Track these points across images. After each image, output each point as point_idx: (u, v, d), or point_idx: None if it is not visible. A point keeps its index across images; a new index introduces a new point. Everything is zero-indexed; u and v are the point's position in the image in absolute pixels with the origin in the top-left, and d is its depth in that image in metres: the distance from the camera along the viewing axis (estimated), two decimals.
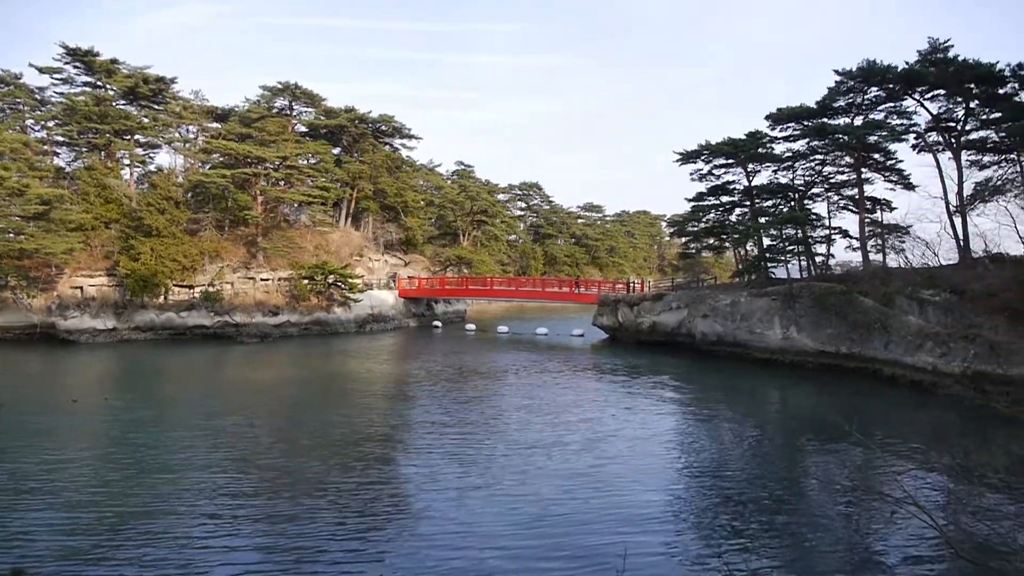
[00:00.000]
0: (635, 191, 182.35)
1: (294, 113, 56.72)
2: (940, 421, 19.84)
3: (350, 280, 46.52)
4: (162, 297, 41.25)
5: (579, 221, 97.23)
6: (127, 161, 49.04)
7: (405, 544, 11.08)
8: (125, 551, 10.62)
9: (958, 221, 32.36)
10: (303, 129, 57.58)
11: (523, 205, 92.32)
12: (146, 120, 48.09)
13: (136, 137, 48.44)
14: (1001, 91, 30.14)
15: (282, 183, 49.22)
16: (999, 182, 32.61)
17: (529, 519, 11.97)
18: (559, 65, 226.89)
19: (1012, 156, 31.83)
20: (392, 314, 49.91)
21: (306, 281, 45.15)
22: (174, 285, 41.76)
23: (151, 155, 52.57)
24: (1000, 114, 30.08)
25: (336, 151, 57.64)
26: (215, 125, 54.17)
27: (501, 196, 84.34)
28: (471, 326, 50.46)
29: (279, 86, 54.01)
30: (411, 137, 62.00)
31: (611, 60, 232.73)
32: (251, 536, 11.44)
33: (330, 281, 46.00)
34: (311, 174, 50.85)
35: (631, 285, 46.91)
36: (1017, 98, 29.78)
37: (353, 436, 18.05)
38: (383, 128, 60.23)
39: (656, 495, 13.43)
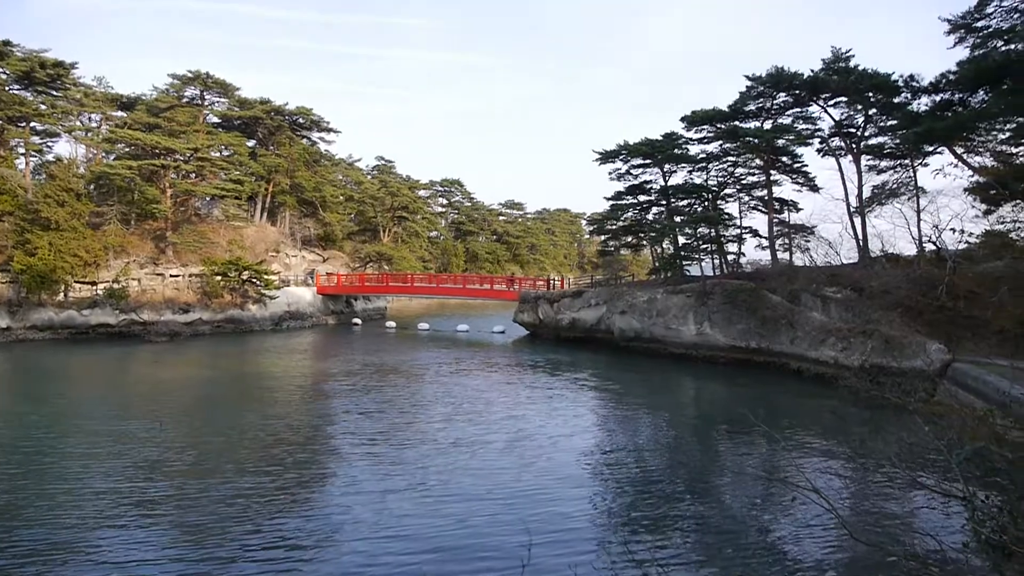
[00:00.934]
0: (556, 189, 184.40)
1: (206, 103, 54.42)
2: (839, 412, 20.84)
3: (265, 276, 45.09)
4: (62, 294, 38.87)
5: (500, 218, 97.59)
6: (22, 150, 45.94)
7: (323, 552, 10.61)
8: (14, 569, 9.81)
9: (858, 222, 34.18)
10: (215, 120, 55.39)
11: (444, 202, 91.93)
12: (43, 107, 45.10)
13: (32, 125, 45.37)
14: (896, 100, 31.96)
15: (193, 176, 47.18)
16: (894, 186, 34.63)
17: (454, 522, 11.69)
18: (480, 62, 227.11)
19: (906, 162, 33.83)
20: (310, 311, 48.69)
21: (219, 277, 43.41)
22: (75, 281, 39.48)
23: (49, 144, 49.52)
24: (895, 122, 31.87)
25: (251, 143, 55.81)
26: (120, 114, 51.39)
27: (422, 192, 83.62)
28: (391, 323, 49.79)
29: (189, 75, 51.69)
30: (330, 130, 60.72)
31: (532, 58, 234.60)
32: (157, 548, 10.69)
33: (244, 277, 44.42)
34: (224, 167, 48.87)
35: (551, 282, 47.34)
36: (910, 107, 31.61)
37: (268, 438, 17.34)
38: (300, 121, 58.69)
39: (576, 490, 13.51)
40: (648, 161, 38.77)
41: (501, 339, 42.33)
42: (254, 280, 44.73)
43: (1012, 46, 26.32)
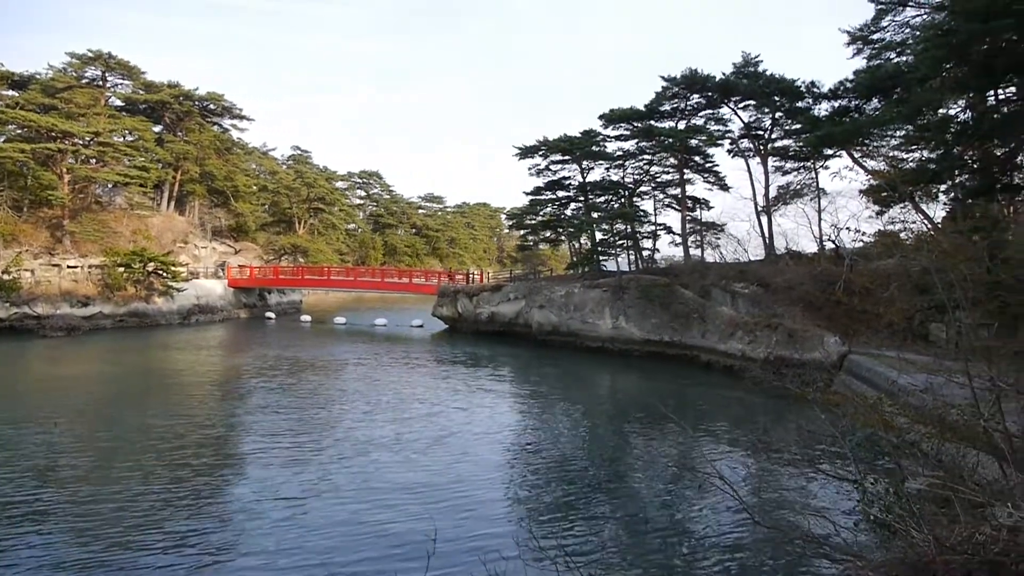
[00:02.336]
0: (476, 183, 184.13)
1: (108, 85, 51.39)
2: (745, 402, 21.81)
3: (173, 268, 43.15)
4: None
5: (420, 212, 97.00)
6: None
7: (226, 557, 10.10)
8: None
9: (765, 221, 35.81)
10: (119, 103, 52.39)
11: (363, 194, 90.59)
12: None
13: None
14: (800, 105, 33.60)
15: (94, 161, 44.49)
16: (798, 187, 36.51)
17: (366, 520, 11.39)
18: (401, 54, 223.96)
19: (809, 164, 35.67)
20: (221, 304, 46.96)
21: (122, 269, 41.16)
22: None
23: None
24: (799, 126, 33.53)
25: (158, 129, 53.21)
26: (11, 93, 47.92)
27: (340, 184, 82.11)
28: (307, 317, 48.64)
29: (90, 54, 48.65)
30: (242, 118, 58.68)
31: (455, 51, 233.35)
32: (50, 564, 9.86)
33: (150, 269, 42.31)
34: (128, 152, 46.30)
35: (471, 276, 47.38)
36: (812, 112, 33.31)
37: (174, 440, 16.34)
38: (211, 107, 56.42)
39: (493, 484, 13.56)
40: (567, 157, 39.35)
41: (420, 333, 42.05)
42: (160, 272, 42.71)
43: (903, 58, 28.11)
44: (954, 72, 21.01)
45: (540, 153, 39.80)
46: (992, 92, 23.47)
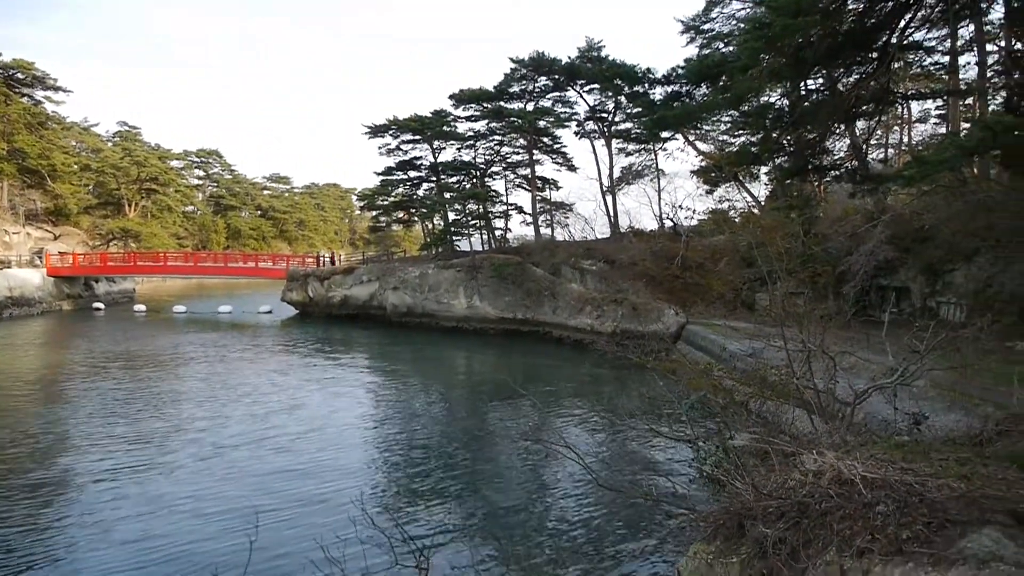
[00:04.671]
0: (325, 163, 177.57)
1: None
2: (592, 374, 22.85)
3: None
4: None
5: (265, 192, 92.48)
6: None
7: None
8: None
9: (610, 200, 37.46)
10: None
11: (201, 174, 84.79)
12: None
13: None
14: (640, 89, 35.31)
15: None
16: (639, 168, 38.58)
17: (233, 536, 10.17)
18: (245, 28, 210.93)
19: (649, 146, 37.69)
20: (39, 296, 42.31)
21: None
22: None
23: None
24: (639, 109, 35.23)
25: None
26: None
27: (175, 163, 76.31)
28: (141, 307, 44.94)
29: None
30: (58, 89, 52.99)
31: (298, 25, 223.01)
32: None
33: None
34: None
35: (321, 259, 45.95)
36: (649, 97, 35.12)
37: None
38: (19, 76, 50.39)
39: (346, 470, 13.32)
40: (418, 137, 38.95)
41: (268, 319, 40.23)
42: None
43: (731, 48, 30.26)
44: (771, 63, 22.86)
45: (390, 133, 39.08)
46: (804, 82, 25.85)
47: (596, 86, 36.53)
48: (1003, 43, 23.45)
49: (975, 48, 22.35)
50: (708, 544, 4.98)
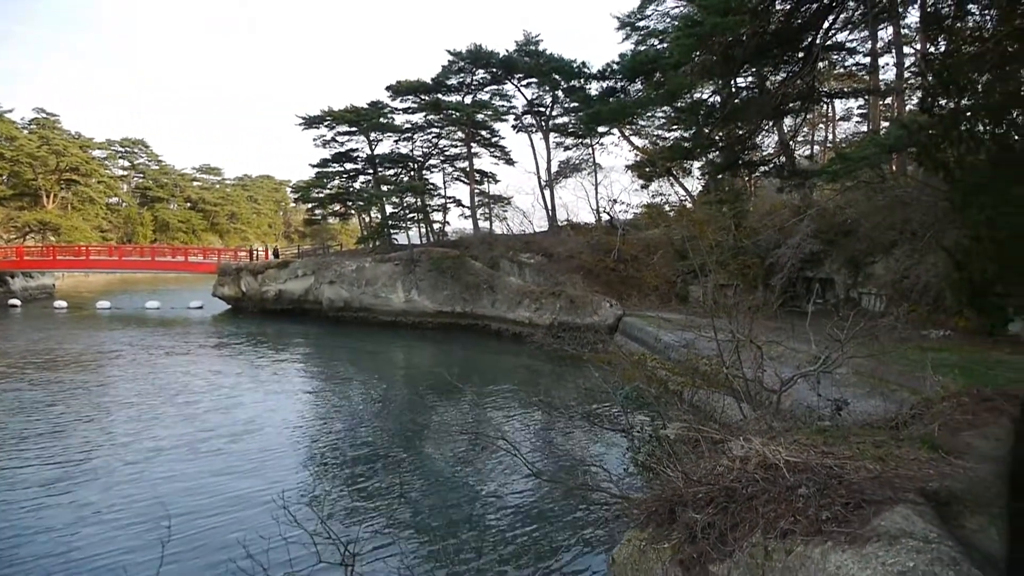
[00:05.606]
0: (258, 154, 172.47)
1: None
2: (530, 366, 23.00)
3: None
4: None
5: (195, 184, 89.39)
6: None
7: None
8: None
9: (548, 194, 37.69)
10: None
11: (126, 164, 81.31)
12: None
13: None
14: (577, 84, 35.61)
15: None
16: (577, 162, 38.97)
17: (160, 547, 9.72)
18: (167, 12, 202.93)
19: (586, 140, 38.08)
20: None
21: None
22: None
23: None
24: (576, 104, 35.54)
25: None
26: None
27: (98, 152, 72.95)
28: (62, 303, 42.80)
29: None
30: None
31: (226, 8, 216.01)
32: None
33: None
34: None
35: (255, 252, 44.80)
36: (586, 91, 35.47)
37: None
38: None
39: (280, 470, 13.00)
40: (354, 129, 38.39)
41: (199, 315, 38.98)
42: None
43: (665, 45, 30.81)
44: (703, 60, 23.38)
45: (326, 124, 38.36)
46: (734, 79, 26.53)
47: (534, 80, 36.67)
48: (919, 46, 24.60)
49: (893, 50, 23.39)
50: (641, 531, 5.07)
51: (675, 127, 34.75)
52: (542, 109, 37.86)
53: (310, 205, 45.30)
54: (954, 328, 16.87)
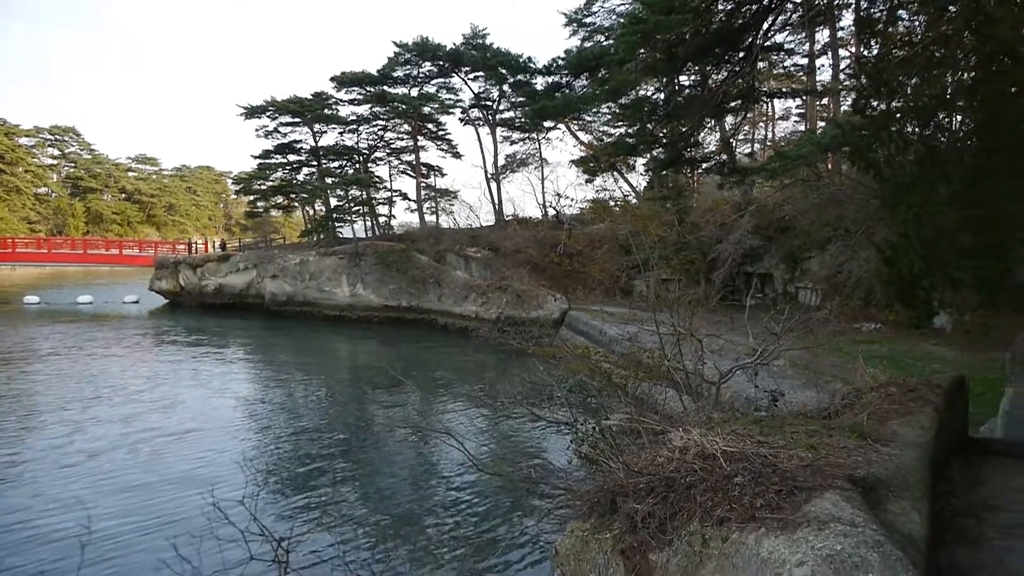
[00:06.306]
0: (197, 144, 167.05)
1: None
2: (476, 360, 23.01)
3: None
4: None
5: (130, 174, 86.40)
6: None
7: None
8: None
9: (494, 188, 37.70)
10: None
11: (56, 152, 77.89)
12: None
13: None
14: (522, 78, 35.67)
15: None
16: (523, 156, 39.08)
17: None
18: None
19: (532, 135, 38.20)
20: None
21: None
22: None
23: None
24: (523, 99, 35.60)
25: None
26: None
27: (24, 140, 69.82)
28: None
29: None
30: None
31: None
32: None
33: None
34: None
35: (194, 246, 43.56)
36: (532, 86, 35.55)
37: None
38: None
39: (224, 475, 12.56)
40: (298, 120, 37.65)
41: (135, 310, 37.71)
42: None
43: (610, 42, 31.10)
44: (646, 57, 23.67)
45: (268, 114, 37.47)
46: (677, 77, 26.95)
47: (480, 74, 36.56)
48: (853, 49, 25.49)
49: (830, 52, 24.19)
50: (584, 522, 5.12)
51: (620, 123, 35.14)
52: (489, 103, 37.80)
53: (252, 197, 44.21)
54: (884, 321, 17.60)
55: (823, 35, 25.63)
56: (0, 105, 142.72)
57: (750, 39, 23.43)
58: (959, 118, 7.47)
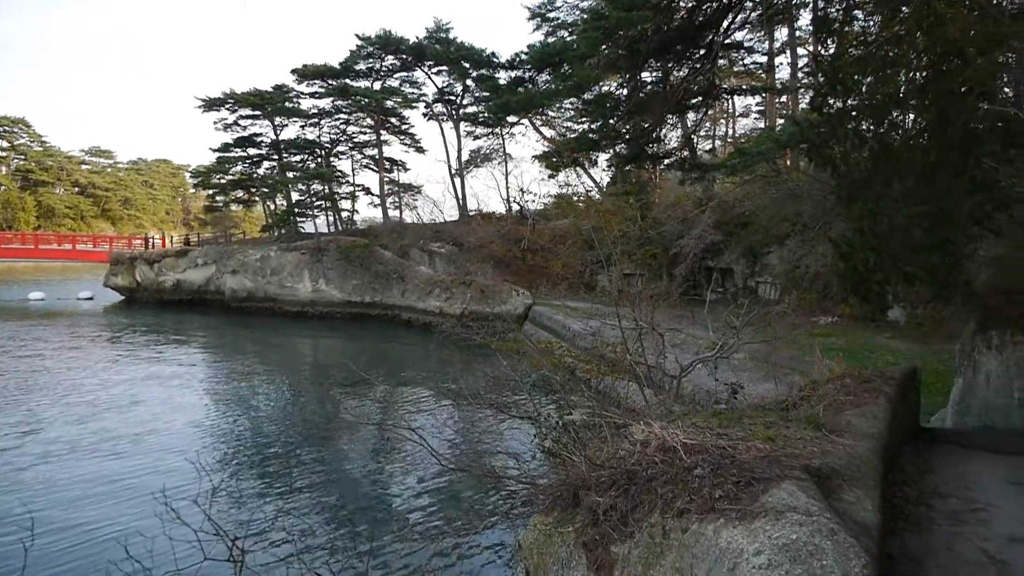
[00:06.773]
0: (154, 137, 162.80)
1: None
2: (439, 356, 22.88)
3: None
4: None
5: (84, 167, 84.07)
6: None
7: None
8: None
9: (458, 182, 37.56)
10: None
11: (5, 145, 75.42)
12: None
13: None
14: (485, 72, 35.58)
15: None
16: (487, 151, 39.00)
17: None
18: None
19: (496, 130, 38.13)
20: None
21: None
22: None
23: None
24: (487, 93, 35.52)
25: None
26: None
27: None
28: None
29: None
30: None
31: None
32: None
33: None
34: None
35: (151, 240, 42.58)
36: (495, 80, 35.48)
37: None
38: None
39: (181, 475, 12.26)
40: (258, 113, 37.07)
41: (90, 306, 36.73)
42: None
43: (572, 37, 31.17)
44: (609, 53, 23.78)
45: (227, 107, 36.78)
46: (639, 73, 27.15)
47: (444, 68, 36.37)
48: (811, 47, 25.96)
49: (788, 50, 24.61)
50: (547, 516, 5.14)
51: (583, 119, 35.26)
52: (452, 97, 37.63)
53: (211, 191, 43.36)
54: (841, 315, 18.02)
55: (782, 34, 26.07)
56: None
57: (711, 36, 23.68)
58: (912, 116, 7.64)
